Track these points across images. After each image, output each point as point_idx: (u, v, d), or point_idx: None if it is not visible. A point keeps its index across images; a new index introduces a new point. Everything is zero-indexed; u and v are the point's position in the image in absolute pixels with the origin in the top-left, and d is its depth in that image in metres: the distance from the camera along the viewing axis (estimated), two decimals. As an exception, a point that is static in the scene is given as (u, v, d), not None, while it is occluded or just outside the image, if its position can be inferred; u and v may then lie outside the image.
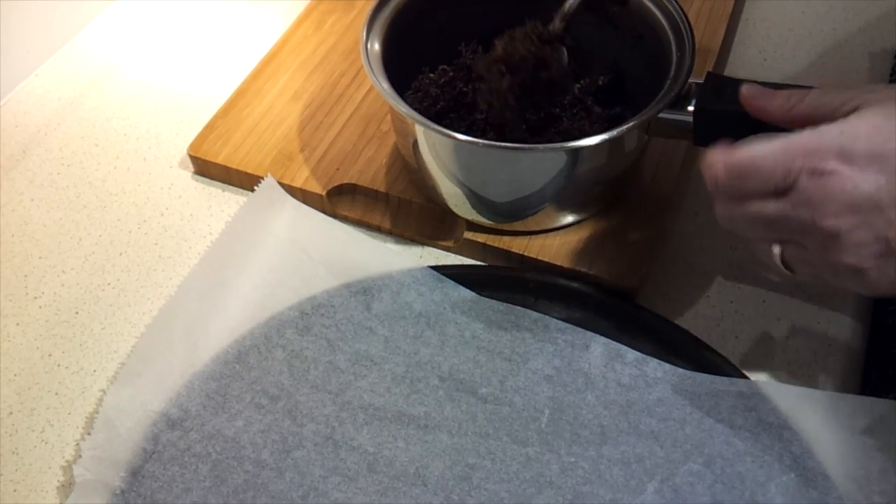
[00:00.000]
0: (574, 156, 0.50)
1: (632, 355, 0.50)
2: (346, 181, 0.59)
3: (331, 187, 0.58)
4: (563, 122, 0.56)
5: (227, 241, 0.55)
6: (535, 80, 0.52)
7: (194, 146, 0.61)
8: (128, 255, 0.58)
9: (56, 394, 0.51)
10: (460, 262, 0.57)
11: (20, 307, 0.55)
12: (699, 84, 0.50)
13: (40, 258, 0.58)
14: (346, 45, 0.68)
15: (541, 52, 0.51)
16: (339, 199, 0.59)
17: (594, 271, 0.53)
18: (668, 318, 0.52)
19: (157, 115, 0.67)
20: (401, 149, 0.59)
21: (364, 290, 0.53)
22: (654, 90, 0.51)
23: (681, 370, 0.49)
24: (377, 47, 0.54)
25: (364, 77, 0.65)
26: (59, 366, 0.52)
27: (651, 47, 0.55)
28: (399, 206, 0.58)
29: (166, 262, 0.57)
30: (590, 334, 0.51)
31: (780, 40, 0.70)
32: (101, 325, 0.54)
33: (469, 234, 0.56)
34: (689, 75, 0.50)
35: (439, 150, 0.52)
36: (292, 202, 0.58)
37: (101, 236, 0.59)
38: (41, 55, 0.71)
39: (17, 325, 0.54)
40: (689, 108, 0.49)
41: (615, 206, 0.57)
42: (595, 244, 0.55)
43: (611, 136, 0.48)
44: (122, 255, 0.58)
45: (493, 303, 0.53)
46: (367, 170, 0.59)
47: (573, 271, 0.54)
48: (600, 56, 0.59)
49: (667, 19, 0.54)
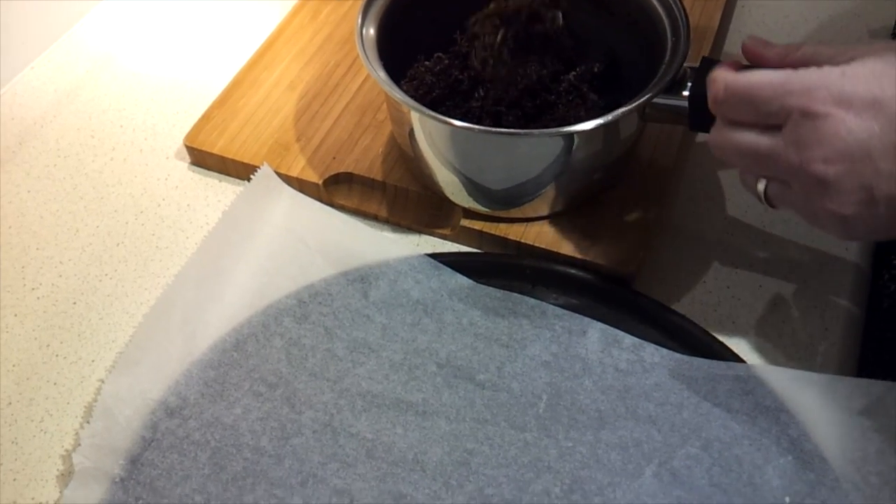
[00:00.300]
0: (570, 141, 0.50)
1: (629, 340, 0.50)
2: (342, 170, 0.59)
3: (327, 176, 0.58)
4: (558, 110, 0.56)
5: (224, 230, 0.55)
6: (529, 33, 0.53)
7: (190, 136, 0.61)
8: (125, 246, 0.58)
9: (55, 384, 0.51)
10: (457, 250, 0.57)
11: (18, 298, 0.55)
12: (694, 69, 0.50)
13: (38, 249, 0.58)
14: (341, 34, 0.68)
15: (534, 4, 0.53)
16: (335, 189, 0.59)
17: (591, 257, 0.53)
18: (665, 303, 0.52)
19: (153, 107, 0.67)
20: (397, 137, 0.59)
21: (361, 278, 0.54)
22: (650, 76, 0.51)
23: (678, 355, 0.49)
24: (372, 36, 0.54)
25: (359, 66, 0.65)
26: (57, 356, 0.52)
27: (646, 33, 0.55)
28: (395, 194, 0.58)
29: (163, 253, 0.57)
30: (587, 320, 0.51)
31: (776, 26, 0.70)
32: (99, 316, 0.54)
33: (466, 222, 0.56)
34: (684, 60, 0.50)
35: (435, 138, 0.52)
36: (289, 191, 0.58)
37: (98, 227, 0.59)
38: (37, 47, 0.71)
39: (16, 315, 0.54)
40: (685, 93, 0.49)
41: (611, 192, 0.57)
42: (592, 230, 0.55)
43: (606, 120, 0.48)
44: (120, 246, 0.58)
45: (491, 290, 0.53)
46: (363, 159, 0.59)
47: (570, 258, 0.54)
48: (595, 43, 0.59)
49: (662, 5, 0.54)
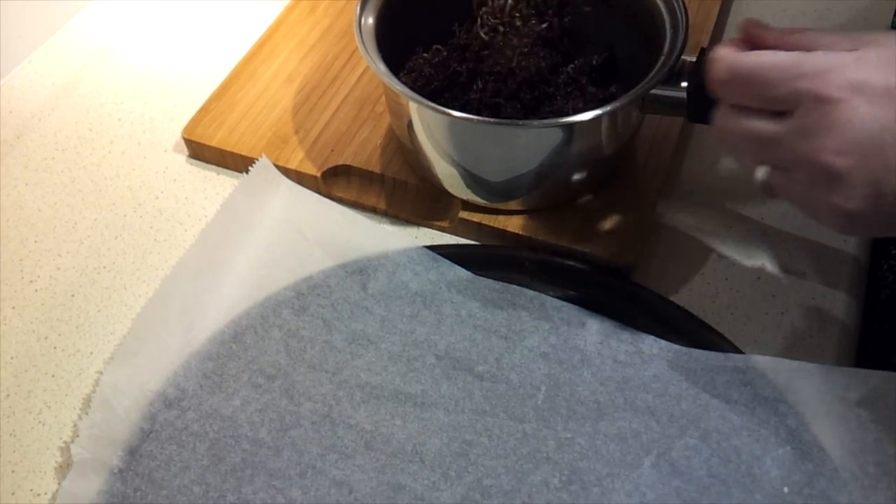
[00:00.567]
0: (568, 132, 0.50)
1: (627, 332, 0.50)
2: (340, 163, 0.59)
3: (325, 169, 0.58)
4: (557, 102, 0.56)
5: (222, 221, 0.55)
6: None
7: (189, 129, 0.61)
8: (123, 239, 0.58)
9: (53, 376, 0.51)
10: (456, 242, 0.57)
11: (16, 291, 0.55)
12: (692, 61, 0.50)
13: (36, 242, 0.57)
14: (339, 27, 0.68)
15: None
16: (334, 181, 0.59)
17: (589, 249, 0.53)
18: (664, 295, 0.52)
19: (151, 100, 0.67)
20: (395, 129, 0.59)
21: (360, 270, 0.53)
22: (648, 68, 0.51)
23: (676, 346, 0.49)
24: (371, 28, 0.54)
25: (358, 59, 0.65)
26: (55, 348, 0.52)
27: (645, 25, 0.55)
28: (394, 186, 0.58)
29: (161, 245, 0.57)
30: (585, 312, 0.51)
31: (774, 19, 0.70)
32: (97, 308, 0.54)
33: (464, 214, 0.56)
34: (682, 51, 0.50)
35: (434, 129, 0.52)
36: (287, 183, 0.58)
37: (96, 220, 0.59)
38: (34, 41, 0.71)
39: (14, 308, 0.54)
40: (683, 85, 0.49)
41: (610, 184, 0.57)
42: (590, 222, 0.55)
43: (604, 111, 0.48)
44: (118, 239, 0.58)
45: (489, 282, 0.53)
46: (361, 151, 0.59)
47: (568, 249, 0.54)
48: (594, 36, 0.59)
49: (661, -3, 0.54)
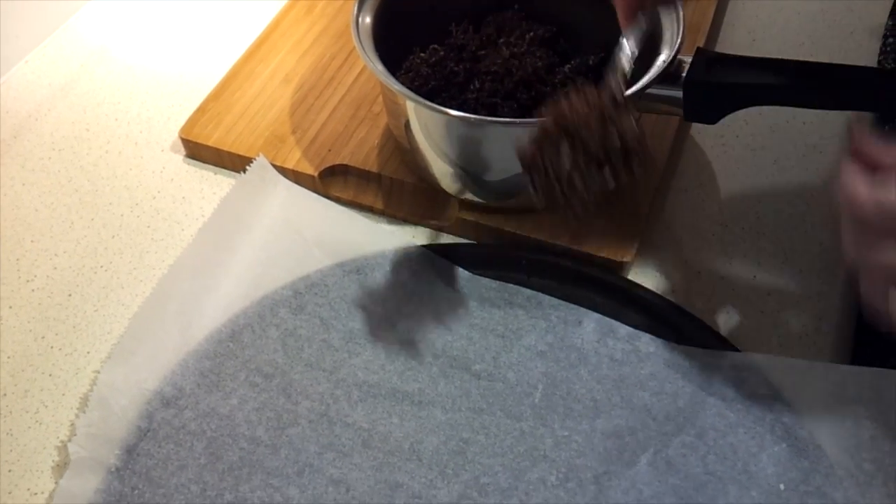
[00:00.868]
0: (565, 132, 0.50)
1: (624, 330, 0.51)
2: (338, 162, 0.59)
3: (323, 168, 0.58)
4: (553, 101, 0.56)
5: (219, 220, 0.55)
6: (604, 144, 0.41)
7: (186, 129, 0.61)
8: (120, 238, 0.58)
9: (50, 375, 0.51)
10: (453, 242, 0.57)
11: (13, 290, 0.55)
12: (689, 61, 0.50)
13: (33, 242, 0.57)
14: (336, 27, 0.68)
15: (605, 107, 0.41)
16: (331, 181, 0.59)
17: (586, 248, 0.54)
18: (660, 293, 0.52)
19: (148, 100, 0.67)
20: (392, 129, 0.59)
21: (357, 270, 0.54)
22: (645, 68, 0.51)
23: (673, 344, 0.50)
24: (368, 28, 0.54)
25: (355, 60, 0.65)
26: (52, 348, 0.52)
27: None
28: (391, 186, 0.58)
29: (159, 245, 0.57)
30: (582, 310, 0.52)
31: (769, 20, 0.70)
32: (94, 308, 0.54)
33: (462, 214, 0.56)
34: (679, 52, 0.50)
35: (431, 128, 0.52)
36: (284, 182, 0.58)
37: (93, 220, 0.59)
38: (31, 41, 0.70)
39: (10, 308, 0.54)
40: (679, 84, 0.49)
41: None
42: (587, 222, 0.55)
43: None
44: (115, 238, 0.58)
45: (486, 281, 0.53)
46: (358, 151, 0.59)
47: (565, 248, 0.54)
48: (590, 35, 0.59)
49: (657, -4, 0.54)
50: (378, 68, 0.52)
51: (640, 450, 0.46)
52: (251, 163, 0.58)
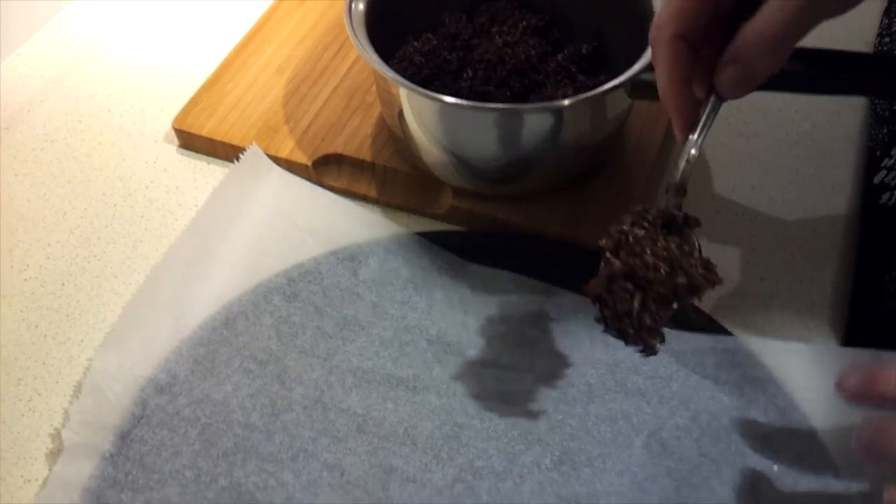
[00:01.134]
0: (557, 117, 0.50)
1: (618, 315, 0.51)
2: (331, 151, 0.59)
3: (316, 157, 0.58)
4: (546, 89, 0.56)
5: (212, 208, 0.55)
6: (674, 289, 0.41)
7: (179, 119, 0.61)
8: (113, 228, 0.58)
9: (43, 363, 0.51)
10: (447, 230, 0.57)
11: (6, 280, 0.55)
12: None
13: (25, 232, 0.57)
14: (329, 18, 0.68)
15: (672, 255, 0.41)
16: (324, 170, 0.59)
17: (580, 236, 0.54)
18: (654, 279, 0.52)
19: (141, 91, 0.67)
20: (386, 118, 0.59)
21: (351, 257, 0.54)
22: (637, 55, 0.51)
23: (666, 329, 0.50)
24: (361, 17, 0.54)
25: (348, 50, 0.65)
26: (45, 336, 0.52)
27: (634, 13, 0.55)
28: (385, 174, 0.58)
29: (152, 234, 0.57)
30: (576, 296, 0.52)
31: (761, 10, 0.71)
32: (88, 296, 0.54)
33: (455, 202, 0.56)
34: (670, 37, 0.50)
35: (424, 116, 0.52)
36: (278, 170, 0.58)
37: (86, 210, 0.59)
38: (24, 33, 0.70)
39: (3, 297, 0.54)
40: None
41: (600, 172, 0.57)
42: (580, 210, 0.55)
43: (593, 93, 0.48)
44: (108, 228, 0.58)
45: (480, 268, 0.53)
46: (352, 140, 0.59)
47: (559, 236, 0.54)
48: (584, 24, 0.59)
49: (649, -17, 0.54)
50: (371, 57, 0.52)
51: (635, 433, 0.46)
52: (244, 152, 0.58)
